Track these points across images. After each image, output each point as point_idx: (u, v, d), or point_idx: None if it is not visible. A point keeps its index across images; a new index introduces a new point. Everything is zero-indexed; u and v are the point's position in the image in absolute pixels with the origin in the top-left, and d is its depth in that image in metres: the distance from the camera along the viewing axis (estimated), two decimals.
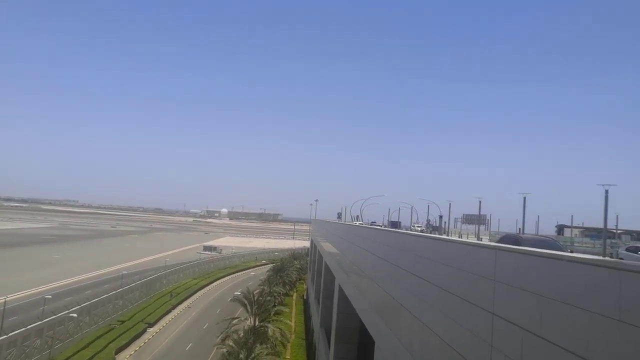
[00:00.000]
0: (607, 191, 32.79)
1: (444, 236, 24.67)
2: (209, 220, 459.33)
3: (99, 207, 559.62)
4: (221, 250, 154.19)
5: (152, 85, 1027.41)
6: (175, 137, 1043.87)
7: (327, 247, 49.82)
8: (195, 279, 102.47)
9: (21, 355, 42.52)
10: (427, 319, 12.61)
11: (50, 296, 57.10)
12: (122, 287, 69.10)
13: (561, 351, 6.55)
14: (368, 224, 62.35)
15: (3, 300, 52.60)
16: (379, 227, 45.42)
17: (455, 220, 71.24)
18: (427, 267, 13.50)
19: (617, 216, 53.98)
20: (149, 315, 66.93)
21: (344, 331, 31.37)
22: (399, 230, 31.03)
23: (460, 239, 16.80)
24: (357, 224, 56.86)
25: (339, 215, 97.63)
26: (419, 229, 55.17)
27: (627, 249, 26.39)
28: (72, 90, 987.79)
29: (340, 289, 32.25)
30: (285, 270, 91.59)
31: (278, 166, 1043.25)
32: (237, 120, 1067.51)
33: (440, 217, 64.75)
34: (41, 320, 46.67)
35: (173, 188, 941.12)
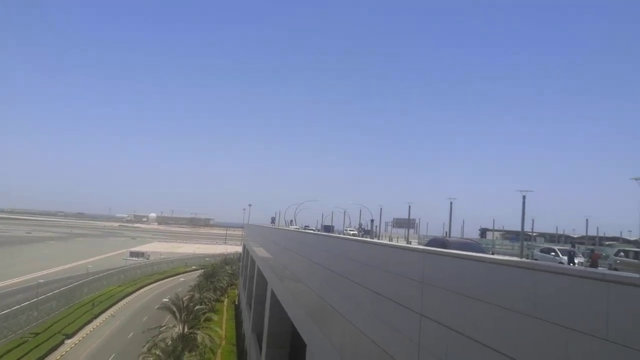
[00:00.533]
0: (524, 197, 35.27)
1: (375, 240, 25.30)
2: (136, 225, 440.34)
3: (11, 212, 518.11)
4: (149, 256, 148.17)
5: (73, 76, 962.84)
6: (99, 136, 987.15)
7: (260, 252, 49.43)
8: (120, 286, 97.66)
9: None
10: (358, 321, 12.85)
11: None
12: (37, 297, 64.43)
13: (483, 348, 6.93)
14: (301, 228, 62.67)
15: None
16: (312, 231, 45.77)
17: (386, 224, 73.53)
18: (359, 271, 13.76)
19: (532, 220, 58.23)
20: (67, 325, 62.88)
21: (275, 336, 31.23)
22: (332, 235, 31.46)
23: (390, 243, 17.31)
24: (293, 228, 56.95)
25: (273, 220, 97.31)
26: (352, 232, 56.26)
27: (541, 250, 28.51)
28: None
29: (273, 294, 32.10)
30: (217, 276, 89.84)
31: (210, 170, 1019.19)
32: (168, 120, 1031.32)
33: (372, 221, 66.52)
34: None
35: (97, 191, 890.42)
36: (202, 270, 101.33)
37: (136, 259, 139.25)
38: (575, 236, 71.60)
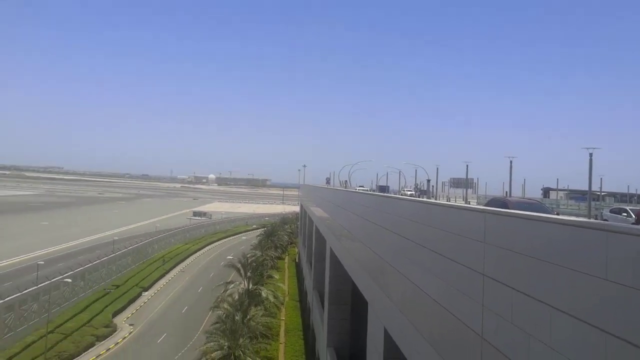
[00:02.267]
0: (591, 154, 33.52)
1: (433, 200, 25.23)
2: (196, 186, 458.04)
3: (84, 174, 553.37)
4: (211, 215, 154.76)
5: (139, 49, 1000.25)
6: (161, 102, 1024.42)
7: (317, 211, 50.45)
8: (186, 244, 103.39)
9: (19, 318, 43.26)
10: (418, 280, 13.16)
11: (42, 262, 57.47)
12: (114, 253, 69.69)
13: (549, 308, 7.05)
14: (356, 189, 62.93)
15: None
16: (366, 191, 45.99)
17: (443, 184, 72.25)
18: (417, 231, 13.96)
19: (601, 179, 55.24)
20: (142, 279, 67.88)
21: (337, 293, 32.27)
22: (388, 195, 31.59)
23: (448, 203, 17.30)
24: (360, 189, 57.25)
25: (328, 180, 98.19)
26: (409, 193, 55.91)
27: (611, 211, 27.21)
28: (55, 53, 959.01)
29: (332, 252, 32.98)
30: (276, 235, 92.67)
31: (266, 131, 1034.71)
32: (225, 84, 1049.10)
33: (428, 181, 65.61)
34: (36, 285, 47.21)
35: (159, 153, 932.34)
36: (263, 229, 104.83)
37: (199, 218, 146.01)
38: None
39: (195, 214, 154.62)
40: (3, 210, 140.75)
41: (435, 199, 47.74)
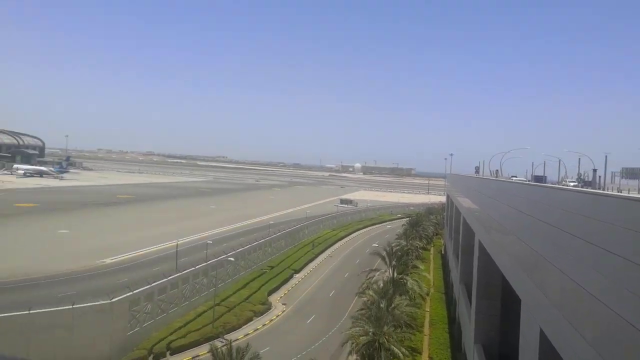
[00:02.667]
0: None
1: (600, 191, 22.50)
2: (343, 174, 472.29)
3: (244, 163, 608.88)
4: (357, 203, 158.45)
5: (292, 50, 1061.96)
6: (310, 95, 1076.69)
7: (464, 202, 48.52)
8: (334, 230, 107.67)
9: (192, 290, 49.66)
10: (579, 278, 12.03)
11: (211, 241, 64.96)
12: (269, 236, 75.73)
13: None
14: (510, 178, 58.82)
15: (176, 244, 61.38)
16: (521, 181, 42.64)
17: (613, 174, 63.54)
18: (579, 223, 12.73)
19: None
20: (294, 262, 72.63)
21: (485, 287, 30.82)
22: (546, 185, 29.02)
23: (621, 194, 15.33)
24: (513, 178, 53.82)
25: (477, 170, 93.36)
26: (572, 184, 50.51)
27: None
28: (223, 60, 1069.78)
29: (481, 245, 31.53)
30: (421, 225, 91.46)
31: (411, 120, 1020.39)
32: (371, 76, 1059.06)
33: (595, 170, 58.34)
34: (206, 262, 53.66)
35: (310, 143, 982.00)
36: (407, 219, 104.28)
37: (346, 206, 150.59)
38: None
39: (342, 201, 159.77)
40: (179, 194, 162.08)
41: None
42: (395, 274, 49.84)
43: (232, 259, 57.26)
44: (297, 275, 68.21)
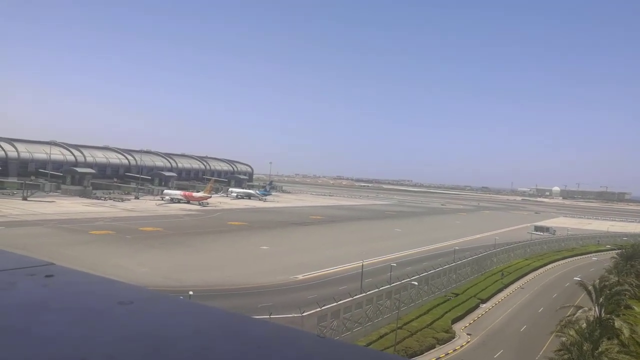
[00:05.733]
0: None
1: None
2: (538, 199, 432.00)
3: (429, 186, 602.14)
4: (554, 231, 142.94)
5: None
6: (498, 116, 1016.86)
7: None
8: (526, 259, 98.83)
9: (375, 311, 50.78)
10: None
11: (395, 264, 65.61)
12: (454, 262, 73.14)
13: None
14: None
15: (361, 264, 63.72)
16: None
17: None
18: None
19: None
20: (481, 291, 68.69)
21: None
22: None
23: None
24: None
25: None
26: None
27: None
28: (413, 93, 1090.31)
29: None
30: (638, 259, 77.83)
31: (625, 135, 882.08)
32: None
33: None
34: (389, 284, 54.38)
35: (499, 166, 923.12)
36: (618, 251, 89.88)
37: (541, 233, 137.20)
38: None
39: (537, 228, 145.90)
40: (366, 216, 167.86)
41: None
42: (603, 314, 43.25)
43: (415, 283, 56.94)
44: (484, 305, 64.20)
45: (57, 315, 2.62)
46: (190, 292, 43.28)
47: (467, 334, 52.64)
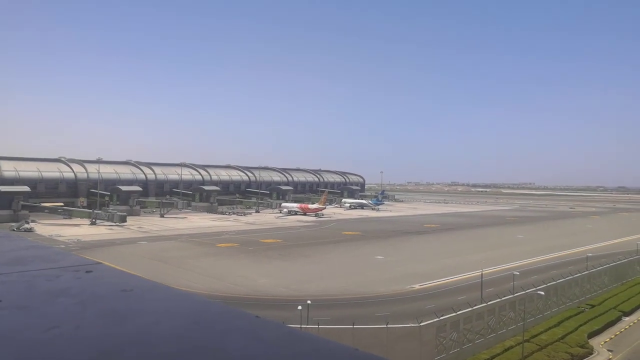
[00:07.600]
0: None
1: None
2: None
3: (554, 189, 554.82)
4: None
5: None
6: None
7: None
8: None
9: (499, 322, 48.22)
10: None
11: (518, 273, 61.60)
12: (588, 270, 66.68)
13: None
14: None
15: (480, 273, 60.94)
16: None
17: None
18: None
19: None
20: (622, 302, 61.76)
21: None
22: None
23: None
24: None
25: None
26: None
27: None
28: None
29: None
30: None
31: None
32: None
33: None
34: (512, 294, 51.28)
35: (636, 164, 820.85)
36: None
37: None
38: None
39: None
40: (484, 223, 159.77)
41: None
42: None
43: (542, 293, 52.93)
44: (628, 318, 57.52)
45: (71, 298, 3.53)
46: (309, 301, 44.91)
47: (608, 350, 47.59)
